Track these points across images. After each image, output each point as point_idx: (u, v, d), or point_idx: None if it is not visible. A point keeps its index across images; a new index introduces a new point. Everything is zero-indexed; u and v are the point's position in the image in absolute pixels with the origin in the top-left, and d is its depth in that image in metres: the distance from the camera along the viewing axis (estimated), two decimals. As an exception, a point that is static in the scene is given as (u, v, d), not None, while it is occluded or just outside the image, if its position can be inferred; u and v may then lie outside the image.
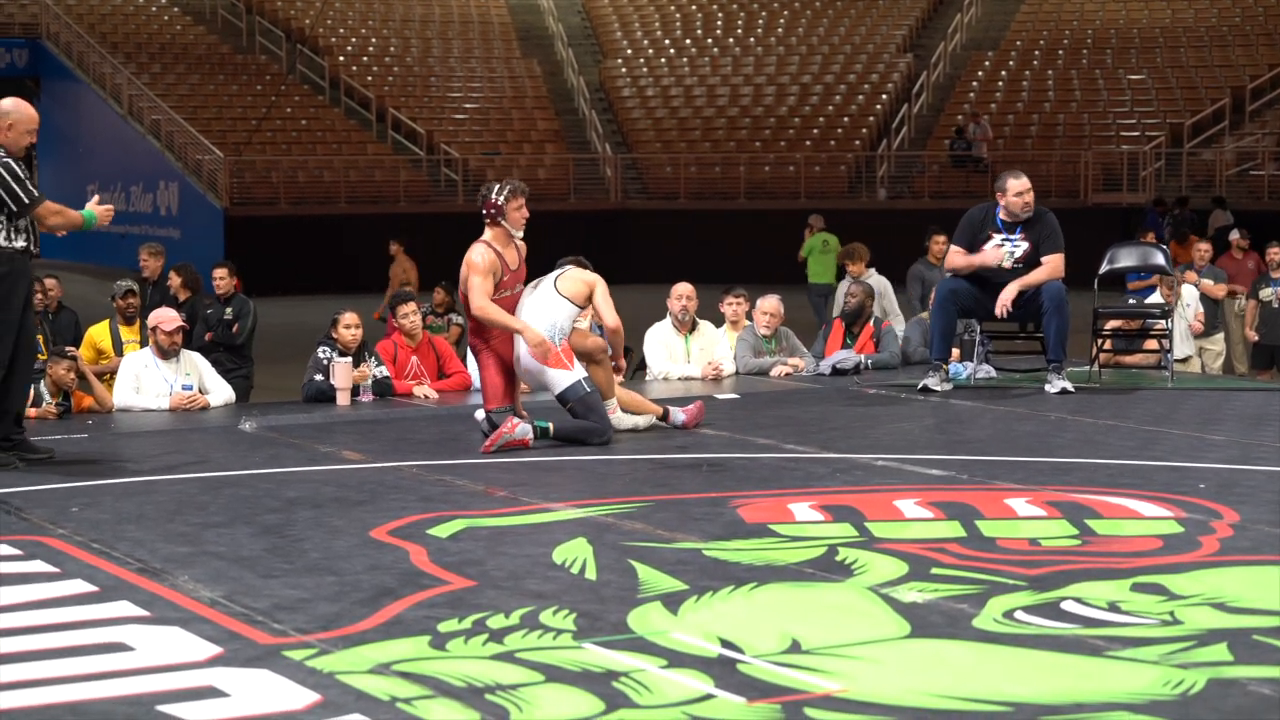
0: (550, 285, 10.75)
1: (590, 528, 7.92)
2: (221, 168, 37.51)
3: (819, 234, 28.44)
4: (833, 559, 7.21)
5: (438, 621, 6.24)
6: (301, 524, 8.06)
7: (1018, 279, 12.61)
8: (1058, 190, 35.40)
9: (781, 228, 35.27)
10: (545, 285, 10.78)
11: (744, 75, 44.38)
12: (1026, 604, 6.43)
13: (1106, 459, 9.97)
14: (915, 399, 12.52)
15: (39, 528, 8.02)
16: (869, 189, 39.98)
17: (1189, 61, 41.17)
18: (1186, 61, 41.18)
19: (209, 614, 6.34)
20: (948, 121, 40.84)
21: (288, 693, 5.40)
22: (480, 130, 42.24)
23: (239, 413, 12.16)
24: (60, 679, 5.53)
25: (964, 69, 43.24)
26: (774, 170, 40.36)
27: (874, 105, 42.44)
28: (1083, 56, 42.32)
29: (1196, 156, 37.62)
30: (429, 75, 44.35)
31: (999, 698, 5.40)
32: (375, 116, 41.65)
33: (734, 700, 5.36)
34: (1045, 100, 40.98)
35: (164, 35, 44.81)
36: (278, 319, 24.00)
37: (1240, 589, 6.72)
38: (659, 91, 44.23)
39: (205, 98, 41.18)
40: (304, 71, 43.11)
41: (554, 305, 10.62)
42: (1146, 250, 14.84)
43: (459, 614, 6.34)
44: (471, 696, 5.36)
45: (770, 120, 42.55)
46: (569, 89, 44.65)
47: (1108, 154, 38.22)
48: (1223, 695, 5.44)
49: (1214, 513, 8.28)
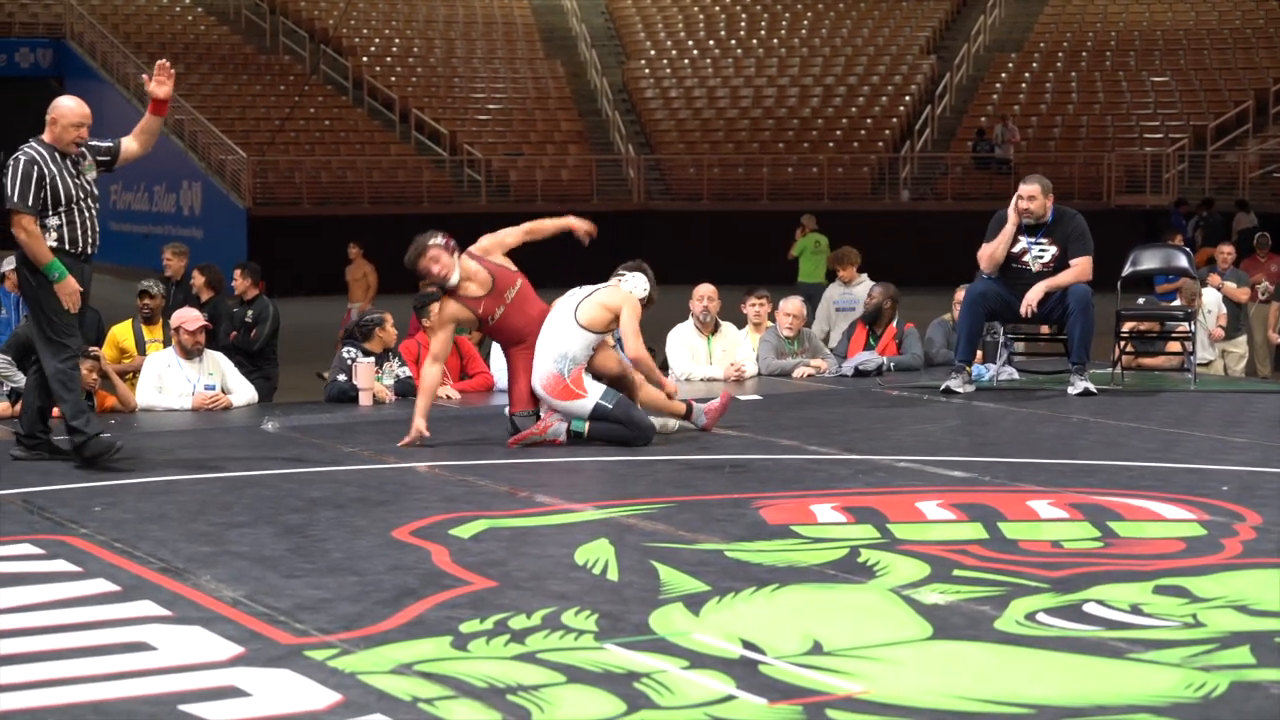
0: (571, 313, 10.60)
1: (612, 528, 7.92)
2: (245, 168, 37.56)
3: (811, 234, 28.37)
4: (855, 560, 7.21)
5: (459, 622, 6.24)
6: (324, 524, 8.07)
7: (1044, 280, 12.60)
8: (1081, 192, 35.34)
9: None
10: (566, 310, 10.65)
11: (767, 76, 44.37)
12: (1048, 606, 6.42)
13: (1129, 461, 9.95)
14: (938, 400, 12.50)
15: (62, 527, 8.03)
16: (892, 190, 39.95)
17: (1212, 64, 41.09)
18: (1210, 64, 41.11)
19: (231, 614, 6.35)
20: (971, 123, 40.81)
21: (309, 693, 5.41)
22: (504, 131, 42.26)
23: (262, 413, 12.18)
24: (83, 678, 5.54)
25: (987, 71, 43.20)
26: (797, 171, 40.34)
27: (897, 107, 42.41)
28: (1106, 58, 42.25)
29: (1220, 159, 37.54)
30: (452, 76, 44.38)
31: (1020, 699, 5.39)
32: (399, 117, 41.69)
33: (755, 701, 5.35)
34: (1069, 102, 40.93)
35: (187, 35, 44.90)
36: (300, 319, 24.03)
37: (1263, 592, 6.71)
38: (682, 93, 44.23)
39: (229, 98, 41.26)
40: (327, 72, 43.17)
41: (569, 334, 10.54)
42: (1170, 252, 14.82)
43: (481, 614, 6.34)
44: (493, 697, 5.37)
45: (793, 121, 42.53)
46: (592, 90, 44.66)
47: (1131, 155, 38.15)
48: (1245, 698, 5.43)
49: (1237, 515, 8.26)
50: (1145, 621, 6.29)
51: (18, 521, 8.22)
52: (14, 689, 5.43)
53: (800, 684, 5.52)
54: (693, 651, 5.89)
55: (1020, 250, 12.75)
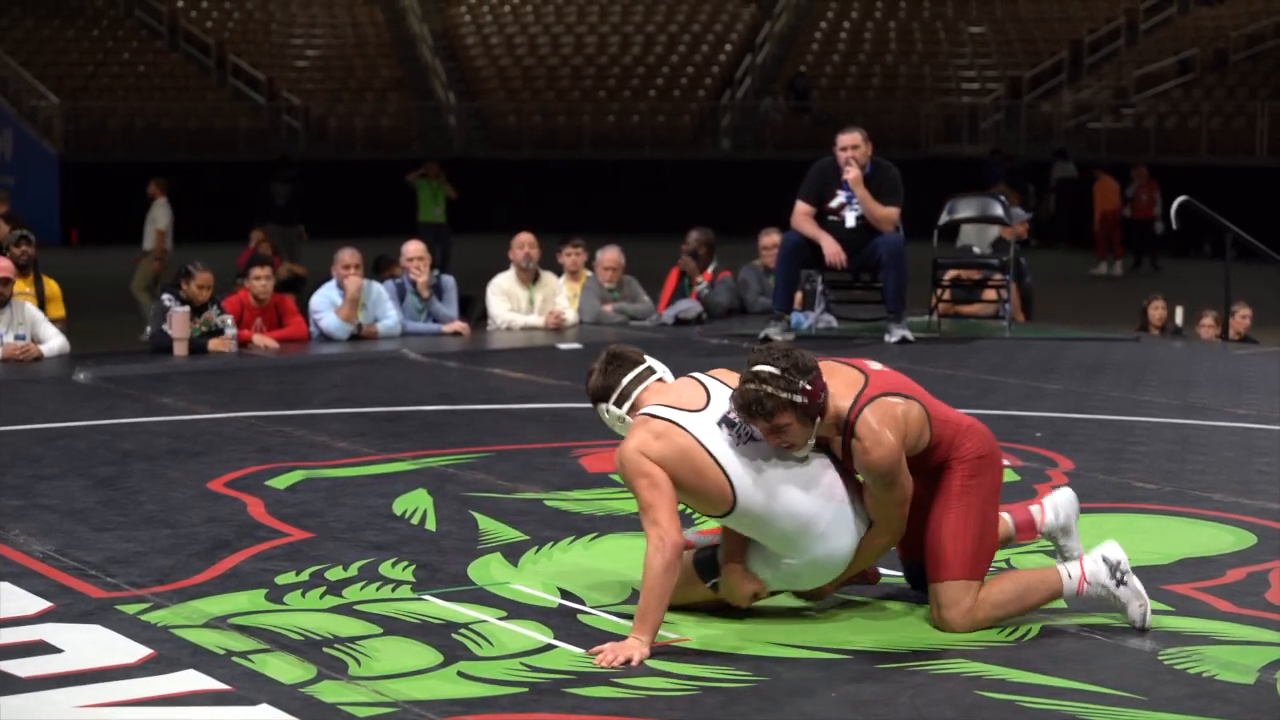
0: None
1: (431, 478, 7.88)
2: (57, 114, 36.89)
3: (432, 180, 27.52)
4: (673, 509, 7.21)
5: (275, 574, 6.19)
6: (137, 476, 7.96)
7: (864, 200, 12.60)
8: (899, 141, 35.62)
9: (626, 178, 35.28)
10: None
11: (589, 24, 44.26)
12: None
13: (945, 408, 10.04)
14: (757, 349, 12.53)
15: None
16: (713, 139, 40.04)
17: (1027, 14, 41.54)
18: (1025, 14, 41.55)
19: (40, 568, 6.25)
20: (790, 72, 41.00)
21: (121, 647, 5.34)
22: (322, 77, 41.81)
23: (73, 363, 11.96)
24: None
25: (807, 20, 43.36)
26: (618, 120, 40.31)
27: (718, 55, 42.48)
28: (924, 8, 42.55)
29: (1035, 109, 38.00)
30: (270, 21, 43.80)
31: (838, 645, 5.44)
32: (215, 63, 41.11)
33: (574, 650, 5.36)
34: (887, 52, 41.22)
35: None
36: (115, 268, 23.63)
37: (1074, 536, 6.80)
38: (503, 40, 44.00)
39: (41, 42, 40.44)
40: (142, 17, 42.45)
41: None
42: (985, 201, 14.99)
43: (297, 566, 6.29)
44: (309, 650, 5.33)
45: (615, 70, 42.47)
46: (412, 36, 44.28)
47: (948, 105, 38.53)
48: (1056, 641, 5.52)
49: (1049, 461, 8.40)
50: (959, 567, 6.35)
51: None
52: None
53: (619, 633, 5.52)
54: (511, 601, 5.89)
55: (839, 204, 12.81)
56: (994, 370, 11.66)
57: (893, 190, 12.78)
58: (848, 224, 12.77)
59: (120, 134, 37.53)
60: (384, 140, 38.23)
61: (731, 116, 40.48)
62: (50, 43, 40.56)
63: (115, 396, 10.46)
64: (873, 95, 39.45)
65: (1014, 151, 34.50)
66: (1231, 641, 5.50)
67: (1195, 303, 16.28)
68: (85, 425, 9.38)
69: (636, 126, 39.93)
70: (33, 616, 5.66)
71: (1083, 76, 38.33)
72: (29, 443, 8.87)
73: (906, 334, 12.75)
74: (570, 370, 11.47)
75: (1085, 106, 37.04)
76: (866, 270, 12.98)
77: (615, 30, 43.87)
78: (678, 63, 42.44)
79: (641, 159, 36.76)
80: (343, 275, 12.84)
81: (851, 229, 12.75)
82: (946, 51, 40.66)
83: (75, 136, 36.99)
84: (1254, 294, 16.28)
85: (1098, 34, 39.10)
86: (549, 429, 9.41)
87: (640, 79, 41.99)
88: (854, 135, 12.80)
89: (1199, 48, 36.16)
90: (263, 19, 43.57)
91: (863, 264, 12.86)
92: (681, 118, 40.39)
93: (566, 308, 13.83)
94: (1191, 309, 16.08)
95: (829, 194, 12.82)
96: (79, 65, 39.72)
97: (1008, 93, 38.46)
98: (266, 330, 12.61)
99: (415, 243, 13.83)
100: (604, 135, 39.77)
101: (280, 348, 12.48)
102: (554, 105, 41.12)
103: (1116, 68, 37.79)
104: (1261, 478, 8.12)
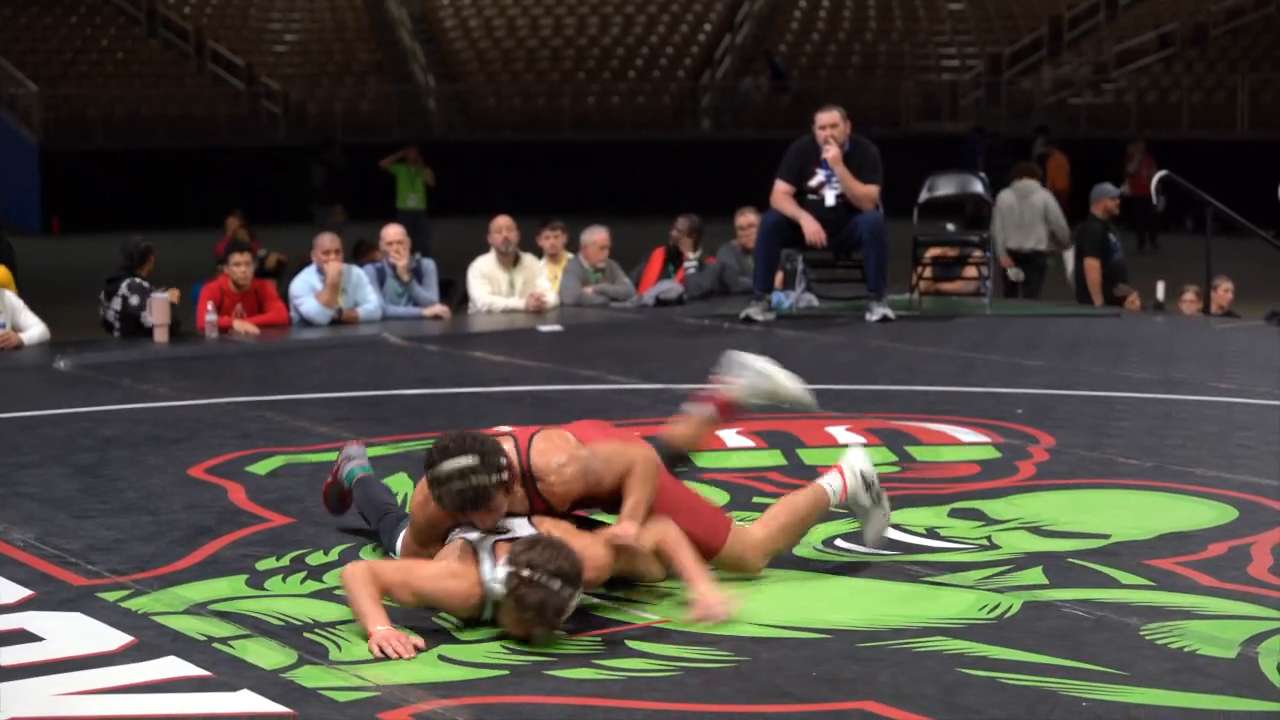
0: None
1: (412, 462, 7.85)
2: (36, 102, 36.79)
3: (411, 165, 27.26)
4: (655, 490, 7.20)
5: (256, 560, 6.18)
6: (117, 463, 7.94)
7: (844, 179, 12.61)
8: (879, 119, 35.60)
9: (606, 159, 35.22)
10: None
11: (567, 5, 44.17)
12: (845, 531, 6.47)
13: (926, 385, 10.06)
14: (738, 329, 12.54)
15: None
16: (693, 120, 40.00)
17: (1007, -10, 41.55)
18: (1005, -10, 41.56)
19: (21, 556, 6.23)
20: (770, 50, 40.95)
21: (102, 635, 5.32)
22: (301, 62, 41.73)
23: (53, 351, 11.92)
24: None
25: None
26: (598, 101, 40.26)
27: (697, 35, 42.44)
28: (903, -15, 42.57)
29: (1016, 85, 37.99)
30: (248, 6, 43.70)
31: (818, 624, 5.44)
32: (194, 48, 41.01)
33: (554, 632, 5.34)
34: (866, 30, 41.19)
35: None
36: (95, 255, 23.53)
37: (1055, 513, 6.82)
38: (482, 22, 43.92)
39: (19, 30, 40.32)
40: (119, 4, 42.33)
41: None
42: (965, 178, 14.99)
43: (277, 552, 6.29)
44: (290, 635, 5.32)
45: (594, 51, 42.42)
46: (390, 20, 44.19)
47: (928, 83, 38.51)
48: (1037, 618, 5.52)
49: (1030, 438, 8.39)
50: (941, 545, 6.37)
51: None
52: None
53: (600, 614, 5.52)
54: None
55: (818, 183, 12.81)
56: (975, 348, 11.66)
57: (872, 168, 12.78)
58: (827, 202, 12.77)
59: (100, 121, 37.42)
60: (363, 124, 38.13)
61: (711, 96, 40.43)
62: (28, 30, 40.43)
63: (95, 384, 10.43)
64: (852, 73, 39.39)
65: (995, 128, 34.50)
66: (1213, 616, 5.50)
67: (1177, 277, 16.29)
68: (65, 413, 9.35)
69: (616, 107, 39.87)
70: (13, 605, 5.65)
71: (1063, 52, 38.31)
72: (9, 431, 8.84)
73: (888, 312, 12.75)
74: (551, 353, 11.46)
75: (1066, 82, 37.03)
76: (847, 248, 12.97)
77: (594, 11, 43.79)
78: (657, 43, 42.38)
79: (622, 140, 36.67)
80: (323, 260, 12.82)
81: (831, 207, 12.74)
82: (926, 29, 40.63)
83: (55, 124, 36.89)
84: (1235, 268, 16.28)
85: (1077, 9, 39.09)
86: (530, 411, 9.39)
87: (619, 60, 41.92)
88: (832, 114, 12.80)
89: (1179, 22, 36.16)
90: (240, 4, 43.47)
91: (843, 242, 12.85)
92: (661, 98, 40.33)
93: (547, 290, 13.81)
94: (1173, 283, 16.09)
95: (808, 173, 12.81)
96: (57, 53, 39.59)
97: (988, 69, 38.44)
98: (247, 316, 12.59)
99: (394, 226, 13.82)
100: (584, 116, 39.71)
101: (260, 333, 12.46)
102: (533, 87, 41.05)
103: (1096, 43, 37.79)
104: (1243, 452, 8.12)
